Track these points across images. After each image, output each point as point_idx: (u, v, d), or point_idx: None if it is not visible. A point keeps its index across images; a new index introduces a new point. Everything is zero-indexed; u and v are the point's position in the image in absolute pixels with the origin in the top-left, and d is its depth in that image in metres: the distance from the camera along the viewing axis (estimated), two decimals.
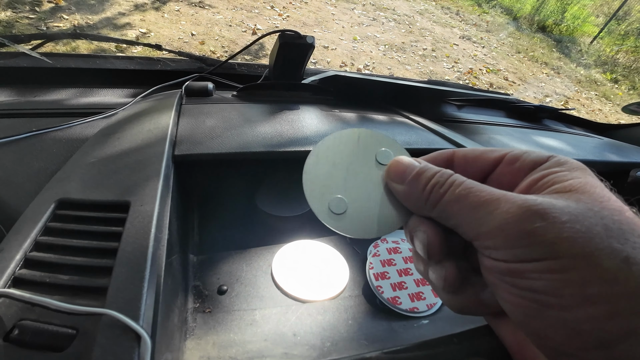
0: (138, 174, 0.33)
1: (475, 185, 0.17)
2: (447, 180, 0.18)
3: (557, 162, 0.18)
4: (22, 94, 0.58)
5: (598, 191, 0.16)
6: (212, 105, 0.54)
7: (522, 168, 0.19)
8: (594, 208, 0.15)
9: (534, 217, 0.15)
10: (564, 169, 0.17)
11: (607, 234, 0.14)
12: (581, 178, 0.17)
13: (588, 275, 0.14)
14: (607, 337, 0.14)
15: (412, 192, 0.20)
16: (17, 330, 0.19)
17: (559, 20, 6.11)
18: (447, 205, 0.18)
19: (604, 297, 0.14)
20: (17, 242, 0.25)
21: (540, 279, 0.15)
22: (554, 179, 0.17)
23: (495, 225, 0.16)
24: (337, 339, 0.31)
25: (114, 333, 0.19)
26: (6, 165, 0.37)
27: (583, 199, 0.15)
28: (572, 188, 0.16)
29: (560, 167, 0.18)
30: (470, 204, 0.17)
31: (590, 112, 3.93)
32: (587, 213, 0.15)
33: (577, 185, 0.16)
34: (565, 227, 0.14)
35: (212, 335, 0.30)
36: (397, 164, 0.21)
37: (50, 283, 0.23)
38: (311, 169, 0.22)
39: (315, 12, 3.82)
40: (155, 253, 0.25)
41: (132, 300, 0.21)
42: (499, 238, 0.16)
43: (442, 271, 0.19)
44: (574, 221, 0.14)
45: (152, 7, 2.81)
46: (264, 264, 0.39)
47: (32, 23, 2.18)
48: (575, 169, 0.17)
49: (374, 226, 0.21)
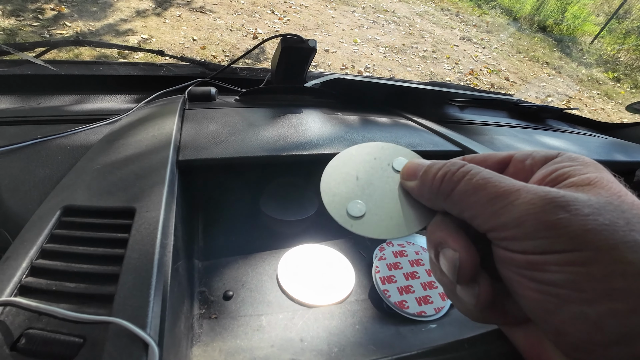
0: (143, 180, 0.32)
1: (494, 176, 0.17)
2: (460, 169, 0.18)
3: (569, 157, 0.18)
4: (26, 101, 0.58)
5: (614, 186, 0.16)
6: (215, 110, 0.54)
7: (533, 164, 0.19)
8: (613, 202, 0.15)
9: (557, 208, 0.14)
10: (577, 164, 0.17)
11: (629, 227, 0.14)
12: (597, 173, 0.16)
13: (611, 269, 0.13)
14: (629, 332, 0.13)
15: (424, 185, 0.20)
16: (24, 340, 0.19)
17: (559, 20, 6.11)
18: (462, 195, 0.17)
19: (627, 291, 0.13)
20: (23, 249, 0.25)
21: (562, 272, 0.14)
22: (570, 172, 0.17)
23: (515, 216, 0.15)
24: (345, 344, 0.30)
25: (121, 342, 0.19)
26: (12, 173, 0.37)
27: (602, 193, 0.15)
28: (589, 182, 0.16)
29: (573, 162, 0.17)
30: (488, 194, 0.16)
31: (592, 111, 3.91)
32: (608, 206, 0.14)
33: (594, 179, 0.16)
34: (589, 220, 0.14)
35: (218, 342, 0.29)
36: (410, 164, 0.22)
37: (56, 291, 0.23)
38: (328, 179, 0.23)
39: (316, 16, 3.83)
40: (162, 260, 0.25)
41: (139, 308, 0.21)
42: (519, 229, 0.15)
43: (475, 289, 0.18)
44: (596, 214, 0.14)
45: (153, 13, 2.83)
46: (269, 269, 0.38)
47: (35, 31, 2.20)
48: (589, 164, 0.17)
49: (391, 227, 0.21)
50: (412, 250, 0.41)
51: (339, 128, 0.53)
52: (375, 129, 0.55)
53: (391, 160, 0.23)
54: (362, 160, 0.24)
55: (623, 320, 0.13)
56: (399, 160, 0.23)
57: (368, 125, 0.56)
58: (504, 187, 0.16)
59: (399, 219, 0.21)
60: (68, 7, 2.53)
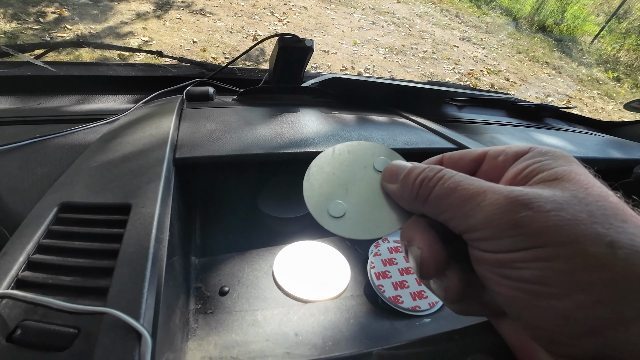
0: (139, 177, 0.33)
1: (464, 179, 0.18)
2: (436, 174, 0.18)
3: (540, 152, 0.18)
4: (25, 102, 0.58)
5: (582, 178, 0.16)
6: (213, 109, 0.55)
7: (506, 160, 0.19)
8: (578, 195, 0.15)
9: (520, 207, 0.15)
10: (547, 158, 0.18)
11: (591, 219, 0.14)
12: (565, 166, 0.17)
13: (574, 263, 0.14)
14: (596, 324, 0.14)
15: (404, 189, 0.20)
16: (20, 331, 0.20)
17: (559, 20, 6.11)
18: (436, 199, 0.18)
19: (591, 284, 0.14)
20: (20, 245, 0.25)
21: (528, 268, 0.15)
22: (539, 168, 0.17)
23: (483, 217, 0.16)
24: (339, 338, 0.31)
25: (115, 332, 0.19)
26: (11, 172, 0.38)
27: (568, 186, 0.16)
28: (557, 176, 0.16)
29: (544, 157, 0.18)
30: (458, 197, 0.17)
31: (592, 110, 3.91)
32: (572, 200, 0.15)
33: (561, 173, 0.16)
34: (551, 216, 0.14)
35: (213, 336, 0.30)
36: (391, 166, 0.22)
37: (52, 284, 0.23)
38: (311, 178, 0.23)
39: (315, 17, 3.85)
40: (156, 254, 0.25)
41: (133, 300, 0.21)
42: (487, 229, 0.16)
43: (443, 283, 0.19)
44: (559, 209, 0.15)
45: (154, 16, 2.84)
46: (265, 265, 0.39)
47: (37, 34, 2.22)
48: (559, 157, 0.18)
49: (370, 228, 0.21)
50: None
51: (336, 126, 0.53)
52: (372, 128, 0.55)
53: (373, 160, 0.24)
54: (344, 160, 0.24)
55: (590, 311, 0.14)
56: (380, 161, 0.23)
57: (365, 124, 0.57)
58: (472, 190, 0.17)
59: (378, 219, 0.21)
60: (69, 10, 2.55)
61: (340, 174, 0.23)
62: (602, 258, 0.13)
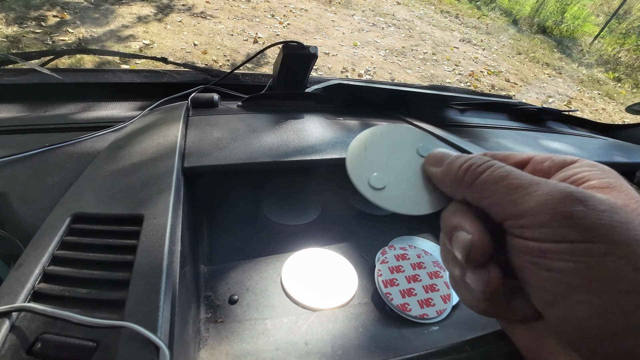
0: (150, 187, 0.33)
1: (515, 170, 0.18)
2: (485, 162, 0.19)
3: (589, 163, 0.19)
4: (33, 110, 0.59)
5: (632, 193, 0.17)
6: (218, 116, 0.55)
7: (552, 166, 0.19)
8: (631, 205, 0.15)
9: (575, 201, 0.15)
10: (597, 169, 0.18)
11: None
12: (616, 179, 0.17)
13: (622, 263, 0.14)
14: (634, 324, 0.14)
15: (448, 173, 0.20)
16: (40, 344, 0.20)
17: (559, 20, 6.12)
18: (483, 184, 0.18)
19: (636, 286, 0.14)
20: (35, 256, 0.26)
21: (573, 261, 0.15)
22: (590, 176, 0.17)
23: (533, 205, 0.16)
24: (348, 346, 0.31)
25: (133, 345, 0.20)
26: (21, 182, 0.38)
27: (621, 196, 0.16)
28: (609, 185, 0.17)
29: (592, 168, 0.18)
30: (509, 185, 0.17)
31: (593, 111, 3.91)
32: (625, 208, 0.15)
33: (614, 184, 0.17)
34: (605, 215, 0.14)
35: (225, 345, 0.30)
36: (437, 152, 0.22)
37: (69, 297, 0.23)
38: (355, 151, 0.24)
39: (316, 20, 3.86)
40: (170, 265, 0.25)
41: (150, 312, 0.21)
42: (536, 217, 0.16)
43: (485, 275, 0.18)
44: (612, 212, 0.15)
45: (155, 19, 2.85)
46: (273, 273, 0.39)
47: (38, 37, 2.22)
48: (607, 171, 0.18)
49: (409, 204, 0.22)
50: (414, 253, 0.42)
51: (341, 133, 0.53)
52: None
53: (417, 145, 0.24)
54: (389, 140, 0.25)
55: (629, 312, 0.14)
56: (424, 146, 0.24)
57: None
58: (525, 180, 0.17)
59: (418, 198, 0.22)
60: (70, 14, 2.56)
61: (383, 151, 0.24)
62: None
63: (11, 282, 0.24)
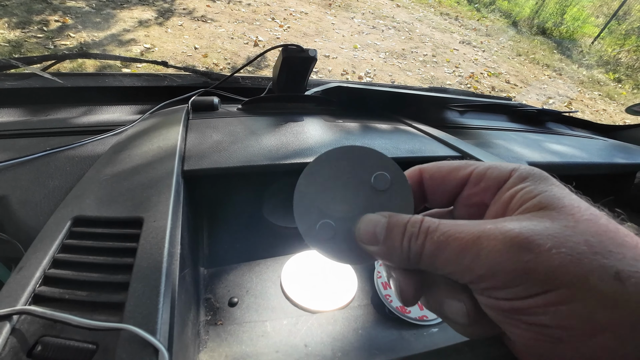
0: (150, 190, 0.33)
1: (452, 227, 0.17)
2: (420, 229, 0.17)
3: (520, 176, 0.18)
4: (34, 114, 0.59)
5: (567, 202, 0.16)
6: (218, 119, 0.55)
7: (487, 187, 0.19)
8: (569, 224, 0.15)
9: (521, 251, 0.15)
10: (528, 184, 0.17)
11: (591, 250, 0.14)
12: (547, 191, 0.17)
13: (590, 303, 0.14)
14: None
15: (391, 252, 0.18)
16: (40, 347, 0.20)
17: (559, 22, 6.13)
18: (431, 256, 0.17)
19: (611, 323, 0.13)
20: (36, 259, 0.26)
21: (547, 314, 0.14)
22: (523, 198, 0.17)
23: (486, 269, 0.15)
24: (348, 348, 0.31)
25: (133, 347, 0.20)
26: (23, 185, 0.38)
27: (556, 216, 0.15)
28: (541, 205, 0.16)
29: (524, 183, 0.17)
30: (453, 251, 0.16)
31: (594, 112, 3.91)
32: (565, 232, 0.15)
33: (545, 201, 0.16)
34: (553, 255, 0.14)
35: (224, 348, 0.30)
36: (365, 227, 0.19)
37: (69, 299, 0.23)
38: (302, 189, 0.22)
39: (316, 23, 3.87)
40: (169, 268, 0.26)
41: (149, 315, 0.22)
42: (494, 279, 0.15)
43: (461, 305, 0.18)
44: (558, 245, 0.14)
45: (155, 23, 2.87)
46: (273, 275, 0.39)
47: (40, 42, 2.24)
48: (538, 181, 0.17)
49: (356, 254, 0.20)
50: None
51: (340, 135, 0.54)
52: (376, 136, 0.55)
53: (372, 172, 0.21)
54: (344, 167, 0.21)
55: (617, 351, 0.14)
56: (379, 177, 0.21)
57: (368, 132, 0.57)
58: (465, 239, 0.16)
59: None
60: (72, 18, 2.58)
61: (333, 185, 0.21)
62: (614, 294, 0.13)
63: (12, 285, 0.24)
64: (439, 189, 0.21)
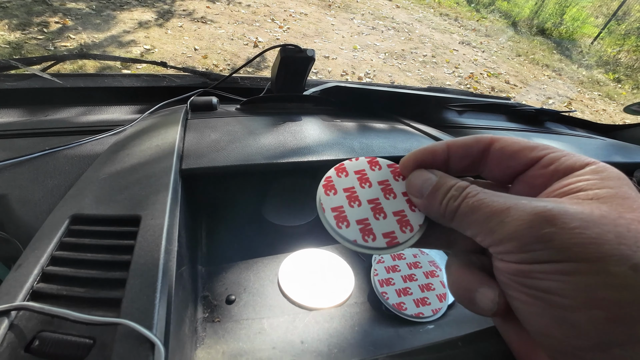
0: (148, 189, 0.34)
1: (488, 196, 0.18)
2: (462, 193, 0.19)
3: (594, 170, 0.18)
4: (33, 114, 0.60)
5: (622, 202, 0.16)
6: (217, 119, 0.56)
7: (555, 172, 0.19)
8: (610, 216, 0.15)
9: (543, 223, 0.15)
10: (596, 178, 0.17)
11: (618, 240, 0.14)
12: (613, 188, 0.17)
13: (596, 280, 0.14)
14: (607, 340, 0.14)
15: (431, 206, 0.20)
16: (38, 342, 0.20)
17: (558, 22, 6.14)
18: (463, 216, 0.19)
19: (609, 302, 0.14)
20: (34, 257, 0.26)
21: (550, 280, 0.15)
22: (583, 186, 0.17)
23: (507, 233, 0.16)
24: (344, 345, 0.31)
25: (129, 342, 0.20)
26: (22, 184, 0.39)
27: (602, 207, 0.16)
28: (595, 196, 0.16)
29: (594, 175, 0.18)
30: (483, 214, 0.18)
31: (594, 112, 3.91)
32: (600, 220, 0.15)
33: (602, 194, 0.16)
34: (575, 233, 0.15)
35: (221, 345, 0.30)
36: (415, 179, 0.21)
37: (67, 296, 0.24)
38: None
39: (315, 24, 3.88)
40: (166, 265, 0.26)
41: (146, 310, 0.22)
42: (512, 243, 0.16)
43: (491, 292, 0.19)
44: (584, 227, 0.15)
45: (155, 24, 2.88)
46: (270, 273, 0.39)
47: (40, 43, 2.25)
48: (610, 179, 0.17)
49: None
50: (410, 252, 0.42)
51: (338, 135, 0.54)
52: (374, 135, 0.56)
53: None
54: None
55: (601, 327, 0.14)
56: None
57: (366, 132, 0.58)
58: (496, 207, 0.17)
59: None
60: (72, 20, 2.59)
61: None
62: (624, 279, 0.14)
63: (10, 282, 0.24)
64: (505, 162, 0.21)
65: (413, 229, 0.21)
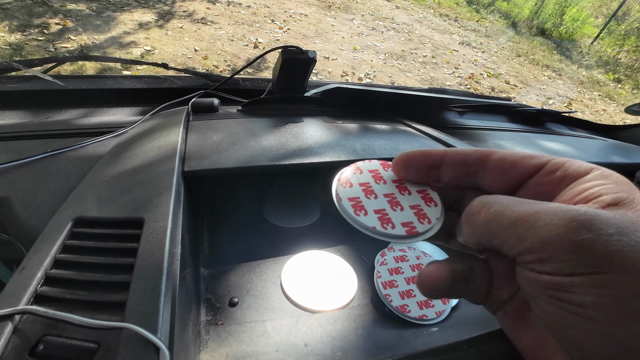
0: (150, 191, 0.34)
1: (511, 201, 0.17)
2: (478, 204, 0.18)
3: (602, 174, 0.18)
4: (35, 116, 0.60)
5: None
6: (218, 120, 0.56)
7: (563, 178, 0.18)
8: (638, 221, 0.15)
9: (580, 228, 0.14)
10: (609, 182, 0.17)
11: None
12: (628, 192, 0.16)
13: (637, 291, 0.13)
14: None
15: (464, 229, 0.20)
16: (42, 346, 0.20)
17: (558, 23, 6.15)
18: (485, 226, 0.17)
19: None
20: (37, 260, 0.26)
21: (587, 294, 0.14)
22: (601, 191, 0.17)
23: (539, 239, 0.15)
24: (348, 348, 0.31)
25: (134, 346, 0.20)
26: (24, 187, 0.39)
27: (629, 213, 0.15)
28: (619, 200, 0.16)
29: (606, 180, 0.17)
30: (508, 220, 0.16)
31: (594, 112, 3.91)
32: (632, 227, 0.14)
33: (624, 198, 0.16)
34: (613, 240, 0.14)
35: (225, 347, 0.30)
36: None
37: (70, 299, 0.24)
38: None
39: (315, 24, 3.88)
40: (170, 268, 0.26)
41: (150, 314, 0.22)
42: (544, 252, 0.15)
43: None
44: (621, 234, 0.14)
45: (156, 25, 2.88)
46: (273, 275, 0.39)
47: (41, 45, 2.25)
48: (622, 183, 0.17)
49: None
50: (413, 255, 0.42)
51: (339, 136, 0.54)
52: (375, 137, 0.56)
53: None
54: None
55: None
56: None
57: (368, 133, 0.58)
58: (523, 211, 0.16)
59: None
60: (73, 21, 2.59)
61: None
62: None
63: (14, 285, 0.24)
64: (508, 170, 0.20)
65: (431, 221, 0.21)
